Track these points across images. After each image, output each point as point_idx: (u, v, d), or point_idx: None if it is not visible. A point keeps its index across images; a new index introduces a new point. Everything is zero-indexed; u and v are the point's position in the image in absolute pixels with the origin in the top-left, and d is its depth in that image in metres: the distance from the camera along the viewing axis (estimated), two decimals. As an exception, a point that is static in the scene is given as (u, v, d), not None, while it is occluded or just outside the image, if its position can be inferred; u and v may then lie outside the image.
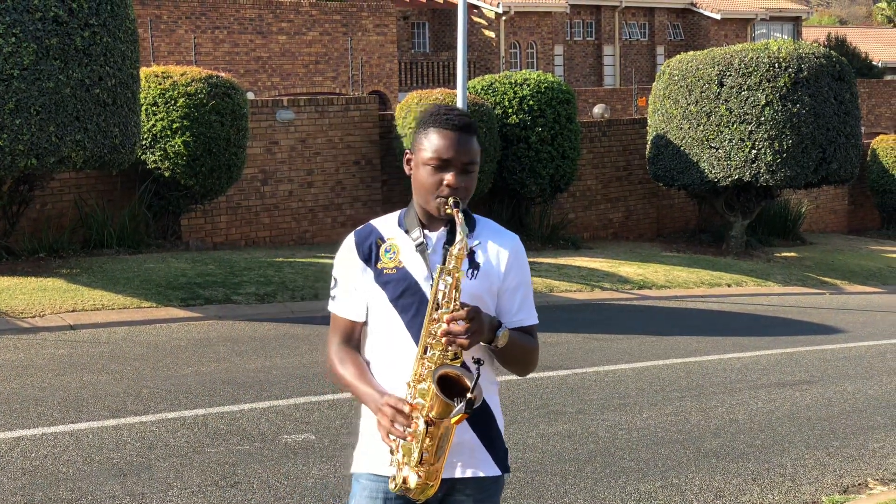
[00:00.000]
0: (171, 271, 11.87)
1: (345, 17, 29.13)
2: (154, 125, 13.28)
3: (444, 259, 3.01)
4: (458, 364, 2.94)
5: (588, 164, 18.90)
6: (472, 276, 3.09)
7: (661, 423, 7.76)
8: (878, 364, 10.46)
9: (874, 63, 43.73)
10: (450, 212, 3.02)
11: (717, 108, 17.17)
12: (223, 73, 14.04)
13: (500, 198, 16.70)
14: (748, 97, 16.92)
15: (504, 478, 3.21)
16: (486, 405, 3.12)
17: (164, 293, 11.08)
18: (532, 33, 37.42)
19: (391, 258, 3.11)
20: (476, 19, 20.44)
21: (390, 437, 2.94)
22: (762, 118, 16.86)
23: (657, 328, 11.85)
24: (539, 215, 17.39)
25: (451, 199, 3.02)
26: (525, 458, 6.70)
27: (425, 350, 2.96)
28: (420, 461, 2.91)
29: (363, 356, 3.18)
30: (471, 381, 2.88)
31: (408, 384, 2.98)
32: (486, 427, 3.12)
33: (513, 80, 16.61)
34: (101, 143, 11.19)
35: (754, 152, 16.93)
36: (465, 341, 2.89)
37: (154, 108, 13.32)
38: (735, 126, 17.02)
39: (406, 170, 3.16)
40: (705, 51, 18.00)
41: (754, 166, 16.96)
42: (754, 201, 18.17)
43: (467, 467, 3.10)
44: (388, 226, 3.18)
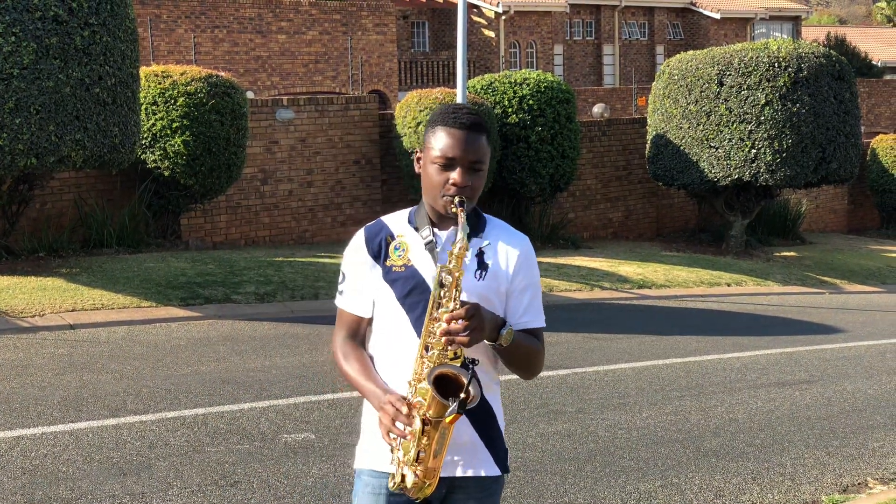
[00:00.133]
0: (170, 271, 11.87)
1: (344, 17, 29.13)
2: (154, 124, 13.28)
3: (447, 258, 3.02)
4: (457, 364, 2.94)
5: (588, 163, 18.91)
6: (481, 276, 3.08)
7: (661, 422, 7.76)
8: (877, 363, 10.46)
9: (874, 62, 43.76)
10: (454, 210, 3.02)
11: (716, 108, 17.17)
12: (223, 73, 14.03)
13: (499, 197, 16.70)
14: (748, 97, 16.92)
15: (504, 478, 3.20)
16: (488, 405, 3.12)
17: (163, 292, 11.08)
18: (532, 33, 37.42)
19: (400, 256, 3.11)
20: (476, 19, 20.37)
21: (390, 435, 2.95)
22: (762, 118, 16.86)
23: (657, 328, 11.85)
24: (539, 215, 17.40)
25: (457, 198, 3.02)
26: (525, 457, 6.70)
27: (426, 349, 2.97)
28: (417, 459, 2.91)
29: (367, 351, 3.18)
30: (471, 382, 2.88)
31: (409, 383, 2.98)
32: (487, 427, 3.12)
33: (512, 80, 16.61)
34: (101, 142, 11.19)
35: (754, 152, 16.93)
36: (465, 339, 2.88)
37: (154, 107, 13.32)
38: (735, 125, 17.02)
39: (416, 168, 3.15)
40: (705, 50, 17.99)
41: (754, 166, 16.96)
42: (754, 201, 18.18)
43: (468, 467, 3.10)
44: (398, 223, 3.17)
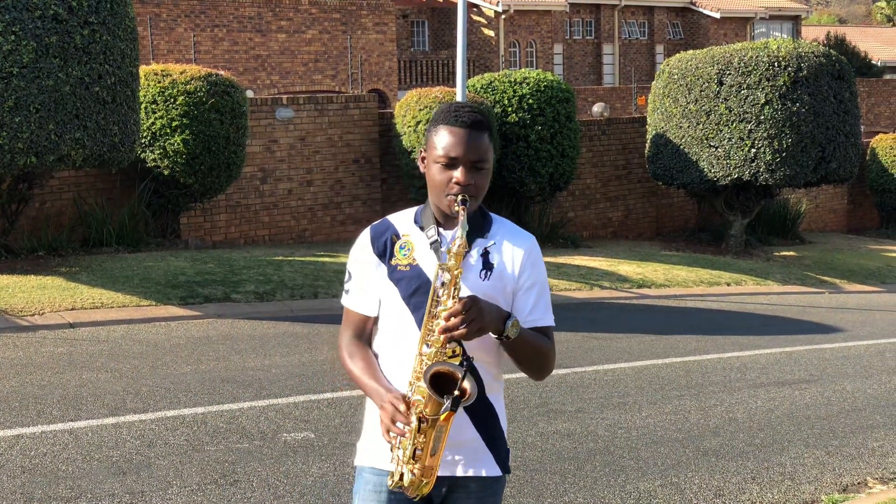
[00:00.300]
0: (170, 270, 11.87)
1: (344, 16, 29.12)
2: (153, 123, 13.27)
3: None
4: (455, 361, 2.93)
5: (587, 162, 18.91)
6: (486, 276, 3.07)
7: (661, 421, 7.76)
8: (877, 363, 10.46)
9: (873, 62, 43.75)
10: (457, 209, 3.02)
11: (716, 107, 17.17)
12: (222, 72, 14.03)
13: (499, 196, 16.69)
14: (748, 96, 16.92)
15: (505, 478, 3.20)
16: (490, 404, 3.12)
17: (163, 291, 11.07)
18: (531, 32, 37.42)
19: (405, 255, 3.10)
20: (475, 18, 20.35)
21: (390, 433, 2.95)
22: (762, 117, 16.86)
23: (656, 327, 11.85)
24: (538, 214, 17.40)
25: (460, 197, 3.01)
26: (524, 456, 6.70)
27: (425, 347, 2.96)
28: (413, 457, 2.91)
29: (373, 349, 3.18)
30: (466, 380, 2.87)
31: (409, 382, 2.98)
32: (488, 426, 3.11)
33: (512, 79, 16.61)
34: (101, 141, 11.19)
35: (754, 151, 16.93)
36: (462, 332, 2.86)
37: (153, 106, 13.32)
38: (734, 125, 17.02)
39: (420, 167, 3.15)
40: (705, 49, 17.99)
41: (753, 165, 16.96)
42: (754, 200, 18.18)
43: (468, 466, 3.10)
44: (404, 222, 3.17)
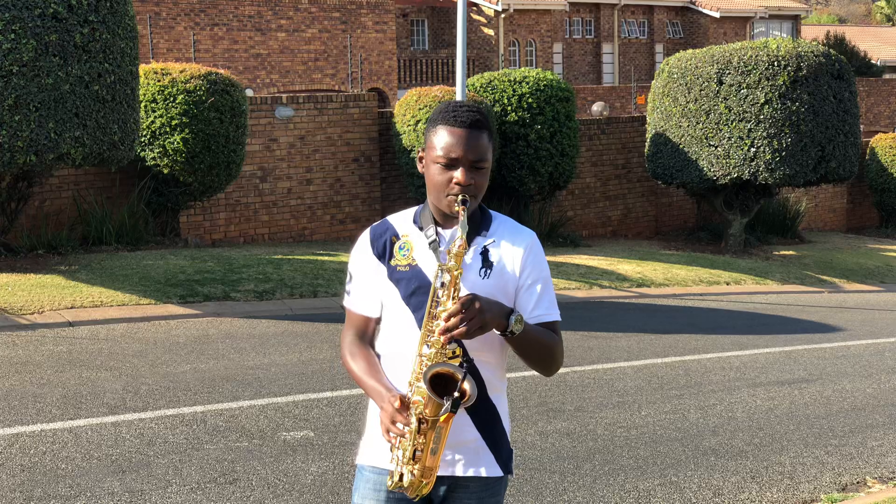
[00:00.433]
0: (169, 268, 11.87)
1: (344, 15, 29.12)
2: (153, 122, 13.27)
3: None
4: (455, 363, 2.93)
5: (587, 161, 18.91)
6: (486, 275, 3.07)
7: (660, 420, 7.77)
8: (876, 362, 10.47)
9: (873, 61, 43.76)
10: (457, 209, 3.01)
11: (716, 106, 17.17)
12: (222, 70, 14.02)
13: (498, 195, 16.69)
14: (747, 95, 16.92)
15: (507, 479, 3.19)
16: (492, 404, 3.11)
17: (162, 290, 11.07)
18: (531, 31, 37.42)
19: (405, 255, 3.10)
20: (475, 17, 20.37)
21: (390, 434, 2.95)
22: (761, 116, 16.86)
23: (656, 326, 11.85)
24: (538, 213, 17.40)
25: (460, 197, 3.01)
26: (524, 455, 6.70)
27: (425, 348, 2.96)
28: (413, 458, 2.92)
29: (375, 349, 3.18)
30: (466, 381, 2.87)
31: (409, 383, 2.98)
32: (490, 426, 3.11)
33: (512, 78, 16.61)
34: (101, 139, 11.18)
35: (753, 150, 16.93)
36: (462, 330, 2.85)
37: (153, 104, 13.32)
38: (734, 124, 17.02)
39: (419, 168, 3.14)
40: (704, 49, 17.99)
41: (753, 164, 16.96)
42: (753, 199, 18.18)
43: (469, 466, 3.09)
44: (403, 222, 3.17)
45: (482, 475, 3.11)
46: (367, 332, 3.19)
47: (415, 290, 3.06)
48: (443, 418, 2.85)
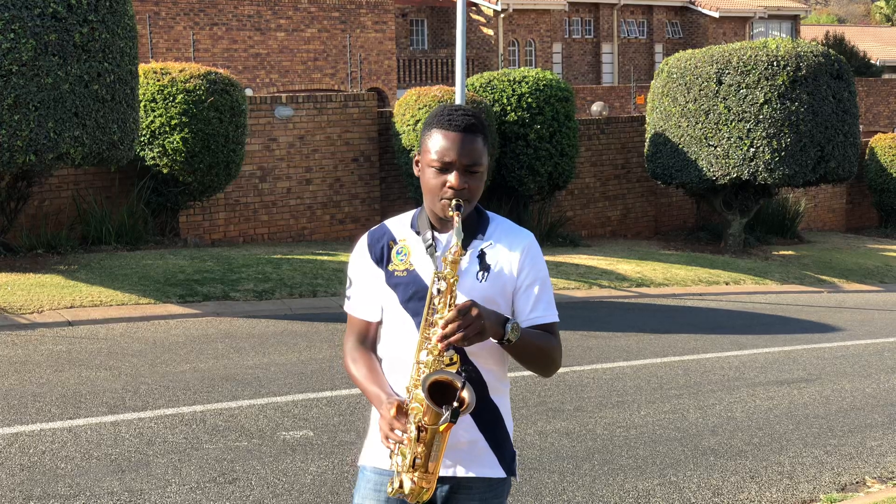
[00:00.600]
0: (169, 268, 11.87)
1: (343, 14, 29.12)
2: (152, 122, 13.27)
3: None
4: (453, 370, 2.92)
5: (586, 161, 18.91)
6: (483, 278, 3.06)
7: (659, 420, 7.77)
8: (875, 362, 10.47)
9: (872, 61, 43.76)
10: (451, 214, 3.00)
11: (715, 106, 17.17)
12: (222, 70, 14.02)
13: (498, 195, 16.69)
14: (747, 95, 16.92)
15: (510, 481, 3.18)
16: (494, 406, 3.11)
17: (162, 290, 11.07)
18: (531, 31, 37.42)
19: (402, 260, 3.10)
20: (475, 17, 20.37)
21: (389, 440, 2.94)
22: (761, 116, 16.86)
23: (655, 326, 11.85)
24: (537, 213, 17.40)
25: (454, 202, 3.00)
26: (523, 455, 6.70)
27: (423, 355, 2.95)
28: (412, 466, 2.92)
29: (377, 354, 3.17)
30: (465, 389, 2.86)
31: (407, 389, 2.98)
32: (493, 428, 3.11)
33: (511, 78, 16.61)
34: (100, 139, 11.18)
35: (753, 150, 16.93)
36: (459, 336, 2.84)
37: (152, 104, 13.31)
38: (733, 124, 17.02)
39: (415, 171, 3.13)
40: (704, 49, 17.99)
41: (752, 164, 16.96)
42: (752, 199, 18.18)
43: (471, 467, 3.09)
44: (401, 227, 3.16)
45: (484, 476, 3.10)
46: (368, 337, 3.18)
47: (413, 294, 3.05)
48: (442, 427, 2.85)
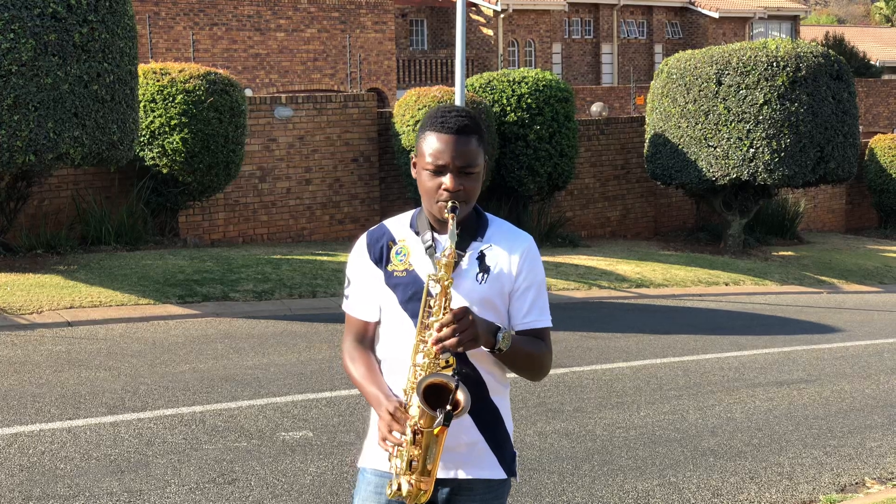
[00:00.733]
0: (168, 268, 11.87)
1: (343, 15, 29.12)
2: (152, 122, 13.27)
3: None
4: (448, 372, 2.91)
5: (586, 162, 18.91)
6: (483, 280, 3.05)
7: (659, 421, 7.77)
8: (875, 363, 10.47)
9: (872, 62, 43.77)
10: (447, 216, 3.00)
11: (715, 107, 17.17)
12: (221, 70, 14.02)
13: (497, 196, 16.69)
14: (746, 96, 16.92)
15: (510, 482, 3.18)
16: (494, 407, 3.11)
17: (161, 290, 11.07)
18: (530, 31, 37.42)
19: (402, 260, 3.09)
20: (474, 17, 20.39)
21: (386, 442, 2.94)
22: (760, 117, 16.86)
23: (654, 326, 11.85)
24: (537, 213, 17.40)
25: (449, 204, 2.99)
26: (523, 456, 6.70)
27: (419, 358, 2.95)
28: (409, 468, 2.92)
29: (376, 354, 3.17)
30: (458, 391, 2.86)
31: (404, 391, 2.98)
32: (493, 429, 3.10)
33: (511, 78, 16.61)
34: (100, 139, 11.18)
35: (752, 151, 16.93)
36: (454, 341, 2.84)
37: (152, 104, 13.31)
38: (733, 125, 17.02)
39: (413, 173, 3.13)
40: (703, 49, 17.99)
41: (752, 165, 16.96)
42: (752, 200, 18.18)
43: (472, 469, 3.09)
44: (400, 227, 3.15)
45: (485, 478, 3.10)
46: (366, 337, 3.18)
47: (412, 295, 3.05)
48: (436, 431, 2.85)
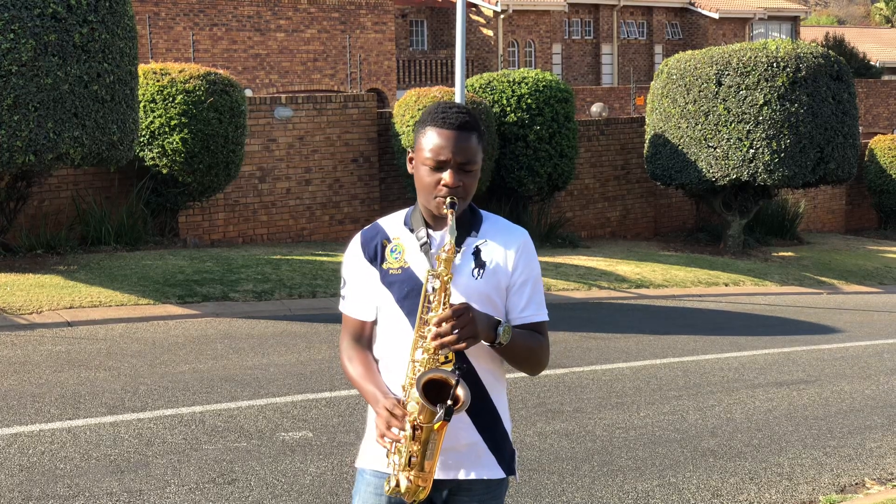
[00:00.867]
0: (168, 268, 11.87)
1: (343, 15, 29.12)
2: (152, 122, 13.27)
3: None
4: (448, 367, 2.91)
5: (586, 162, 18.91)
6: (479, 275, 3.05)
7: (659, 421, 7.77)
8: (875, 364, 10.47)
9: (872, 63, 43.77)
10: (445, 212, 3.00)
11: (715, 108, 17.18)
12: (221, 71, 14.02)
13: (497, 196, 16.70)
14: (746, 96, 16.93)
15: (508, 480, 3.18)
16: (493, 406, 3.10)
17: (161, 290, 11.07)
18: (530, 32, 37.42)
19: (396, 258, 3.09)
20: (474, 17, 20.39)
21: (385, 439, 2.94)
22: (760, 117, 16.86)
23: (654, 327, 11.85)
24: (537, 214, 17.40)
25: (448, 200, 2.99)
26: (522, 456, 6.70)
27: (418, 353, 2.95)
28: (408, 464, 2.91)
29: (373, 354, 3.17)
30: (459, 387, 2.86)
31: (403, 388, 2.98)
32: (491, 428, 3.10)
33: (511, 79, 16.61)
34: (100, 139, 11.18)
35: (752, 152, 16.93)
36: (453, 338, 2.84)
37: (152, 104, 13.31)
38: (733, 125, 17.02)
39: (409, 169, 3.13)
40: (703, 50, 17.99)
41: (752, 166, 16.96)
42: (752, 201, 18.18)
43: (471, 469, 3.08)
44: (394, 225, 3.15)
45: (484, 478, 3.10)
46: (363, 336, 3.17)
47: (408, 292, 3.05)
48: (436, 426, 2.85)
